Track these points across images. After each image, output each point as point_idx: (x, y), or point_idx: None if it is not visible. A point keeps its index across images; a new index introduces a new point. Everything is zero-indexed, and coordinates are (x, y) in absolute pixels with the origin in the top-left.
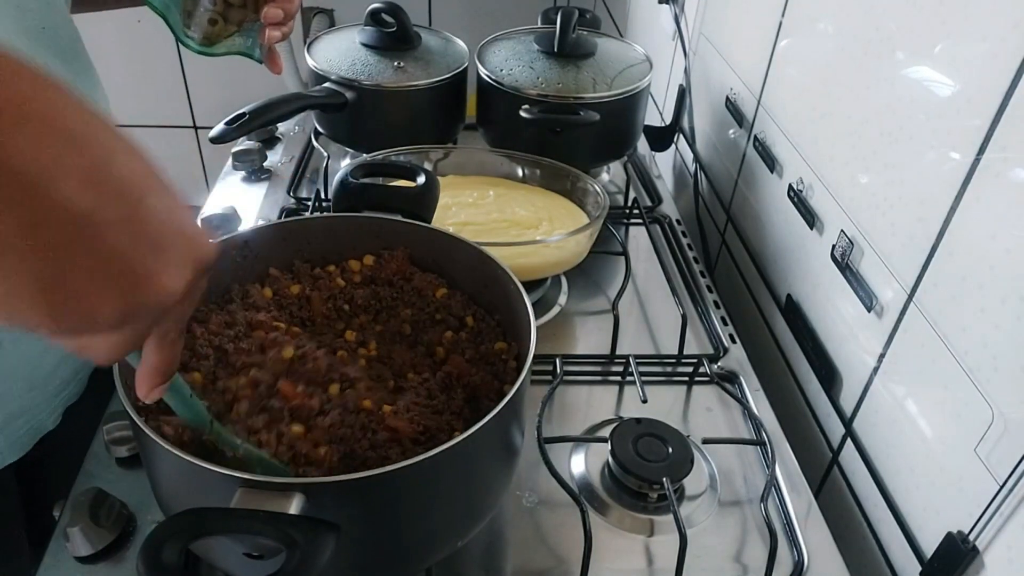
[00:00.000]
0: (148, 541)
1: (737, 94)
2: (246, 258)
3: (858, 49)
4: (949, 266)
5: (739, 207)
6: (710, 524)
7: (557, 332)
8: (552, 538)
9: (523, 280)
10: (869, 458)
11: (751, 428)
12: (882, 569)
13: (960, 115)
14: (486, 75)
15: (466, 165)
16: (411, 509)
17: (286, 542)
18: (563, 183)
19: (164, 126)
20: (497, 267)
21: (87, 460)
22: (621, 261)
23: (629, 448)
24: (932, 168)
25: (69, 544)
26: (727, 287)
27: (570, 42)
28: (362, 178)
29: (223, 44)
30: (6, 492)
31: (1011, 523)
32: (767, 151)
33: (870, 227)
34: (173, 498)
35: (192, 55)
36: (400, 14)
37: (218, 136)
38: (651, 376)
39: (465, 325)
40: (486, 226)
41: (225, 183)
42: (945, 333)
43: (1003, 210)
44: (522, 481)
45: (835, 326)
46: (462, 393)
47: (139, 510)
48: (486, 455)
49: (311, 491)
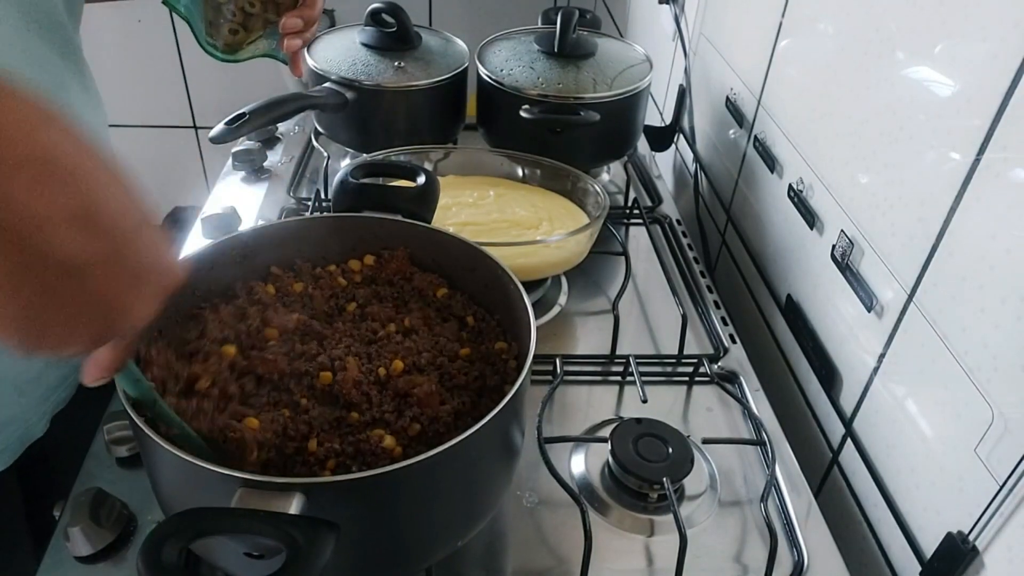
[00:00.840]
0: (148, 541)
1: (737, 94)
2: (246, 258)
3: (858, 49)
4: (949, 266)
5: (739, 207)
6: (710, 524)
7: (557, 332)
8: (552, 538)
9: (523, 280)
10: (869, 458)
11: (751, 428)
12: (882, 569)
13: (960, 115)
14: (486, 75)
15: (466, 165)
16: (411, 509)
17: (286, 542)
18: (563, 183)
19: (164, 126)
20: (497, 267)
21: (87, 460)
22: (621, 261)
23: (629, 448)
24: (932, 168)
25: (69, 544)
26: (727, 287)
27: (570, 42)
28: (362, 178)
29: (246, 50)
30: (8, 493)
31: (1011, 523)
32: (767, 151)
33: (870, 227)
34: (173, 498)
35: (192, 55)
36: (400, 14)
37: (218, 136)
38: (651, 376)
39: (466, 325)
40: (486, 226)
41: (225, 183)
42: (945, 333)
43: (1003, 210)
44: (522, 481)
45: (835, 326)
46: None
47: (139, 510)
48: (486, 455)
49: (311, 491)
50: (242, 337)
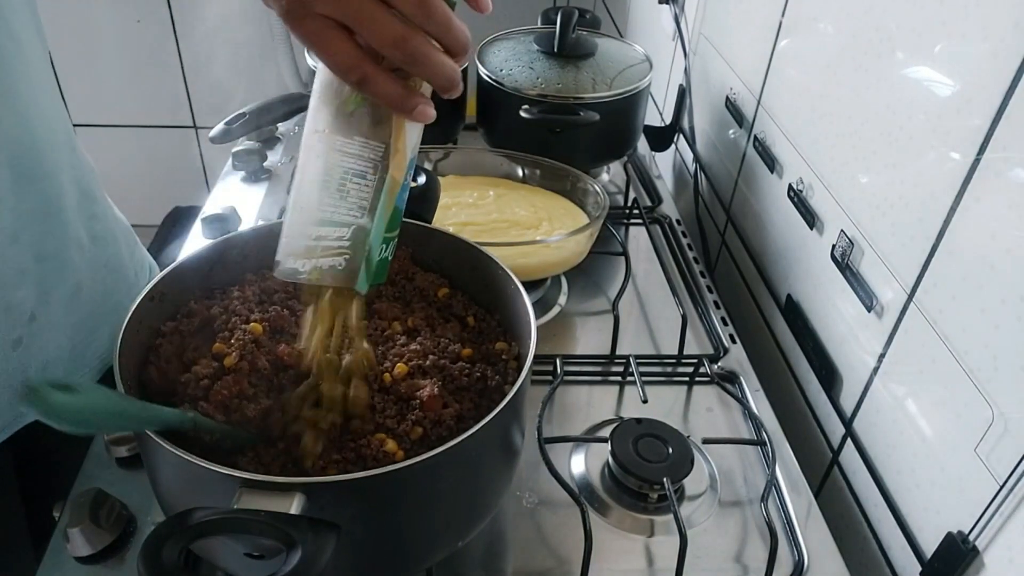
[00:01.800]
0: (148, 541)
1: (737, 94)
2: (246, 258)
3: (858, 49)
4: (949, 266)
5: (739, 207)
6: (710, 524)
7: (557, 332)
8: (552, 538)
9: (523, 280)
10: (869, 458)
11: (751, 428)
12: (882, 569)
13: (960, 115)
14: (486, 75)
15: (466, 165)
16: (412, 509)
17: (287, 542)
18: (563, 183)
19: (164, 126)
20: (497, 267)
21: (87, 460)
22: (621, 261)
23: (629, 448)
24: (932, 168)
25: (69, 544)
26: (727, 287)
27: (570, 42)
28: None
29: None
30: (6, 492)
31: (1011, 523)
32: (767, 151)
33: (870, 227)
34: (173, 498)
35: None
36: None
37: (218, 136)
38: (651, 376)
39: (466, 325)
40: (486, 226)
41: (225, 183)
42: (945, 333)
43: (1003, 210)
44: (522, 481)
45: (835, 326)
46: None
47: (139, 510)
48: (486, 455)
49: (312, 491)
50: (270, 321)
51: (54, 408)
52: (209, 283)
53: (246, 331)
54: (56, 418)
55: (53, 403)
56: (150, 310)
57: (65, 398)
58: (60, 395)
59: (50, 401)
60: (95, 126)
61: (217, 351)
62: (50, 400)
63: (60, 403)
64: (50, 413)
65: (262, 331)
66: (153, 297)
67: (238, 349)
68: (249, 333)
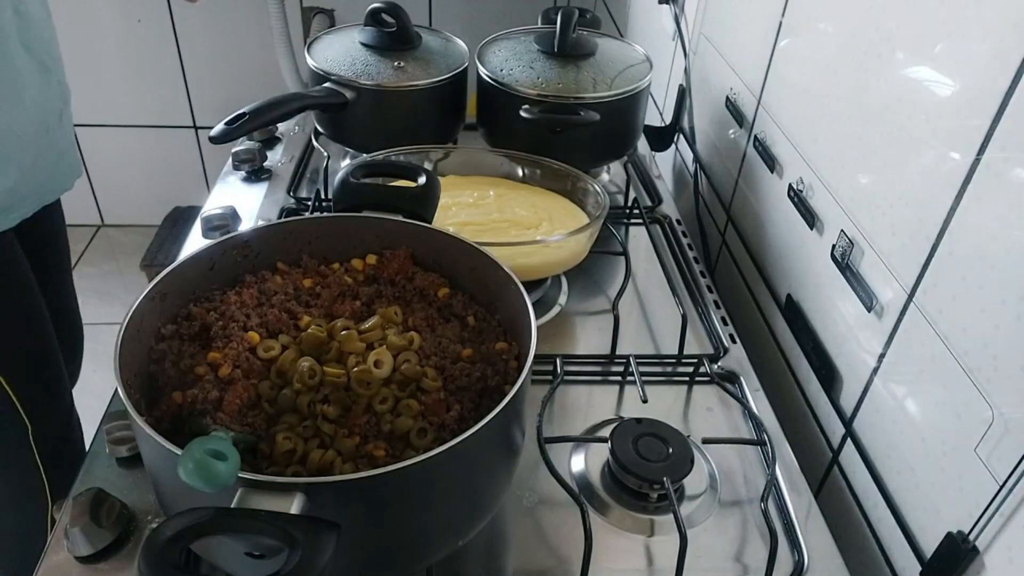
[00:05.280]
0: (149, 541)
1: (737, 94)
2: (247, 257)
3: (858, 49)
4: (949, 266)
5: (739, 207)
6: (710, 524)
7: (557, 332)
8: (552, 538)
9: (523, 280)
10: (869, 458)
11: (751, 428)
12: (882, 569)
13: (960, 115)
14: (486, 75)
15: (466, 165)
16: (412, 508)
17: (287, 541)
18: (563, 183)
19: (164, 126)
20: (497, 267)
21: (87, 460)
22: (621, 261)
23: (629, 448)
24: (932, 168)
25: (69, 544)
26: (727, 287)
27: (570, 42)
28: (363, 178)
29: None
30: (20, 271)
31: (1011, 523)
32: (767, 151)
33: (870, 227)
34: (173, 498)
35: (192, 55)
36: (400, 14)
37: (218, 136)
38: (651, 376)
39: (467, 325)
40: (486, 226)
41: (225, 183)
42: (945, 333)
43: (1003, 210)
44: (522, 481)
45: (835, 326)
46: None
47: (139, 510)
48: (487, 455)
49: (312, 491)
50: (267, 325)
51: (220, 478)
52: (209, 283)
53: (242, 339)
54: (223, 486)
55: (217, 473)
56: (150, 310)
57: (224, 467)
58: (220, 465)
59: (213, 472)
60: (95, 126)
61: (212, 360)
62: (213, 471)
63: (226, 473)
64: (215, 482)
65: (258, 339)
66: (153, 297)
67: (231, 360)
68: (245, 342)
